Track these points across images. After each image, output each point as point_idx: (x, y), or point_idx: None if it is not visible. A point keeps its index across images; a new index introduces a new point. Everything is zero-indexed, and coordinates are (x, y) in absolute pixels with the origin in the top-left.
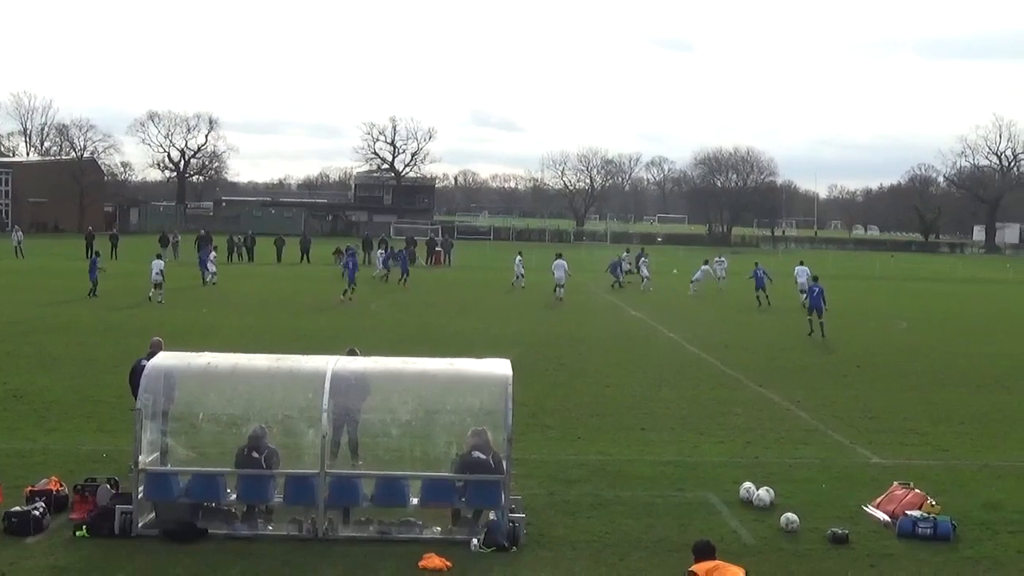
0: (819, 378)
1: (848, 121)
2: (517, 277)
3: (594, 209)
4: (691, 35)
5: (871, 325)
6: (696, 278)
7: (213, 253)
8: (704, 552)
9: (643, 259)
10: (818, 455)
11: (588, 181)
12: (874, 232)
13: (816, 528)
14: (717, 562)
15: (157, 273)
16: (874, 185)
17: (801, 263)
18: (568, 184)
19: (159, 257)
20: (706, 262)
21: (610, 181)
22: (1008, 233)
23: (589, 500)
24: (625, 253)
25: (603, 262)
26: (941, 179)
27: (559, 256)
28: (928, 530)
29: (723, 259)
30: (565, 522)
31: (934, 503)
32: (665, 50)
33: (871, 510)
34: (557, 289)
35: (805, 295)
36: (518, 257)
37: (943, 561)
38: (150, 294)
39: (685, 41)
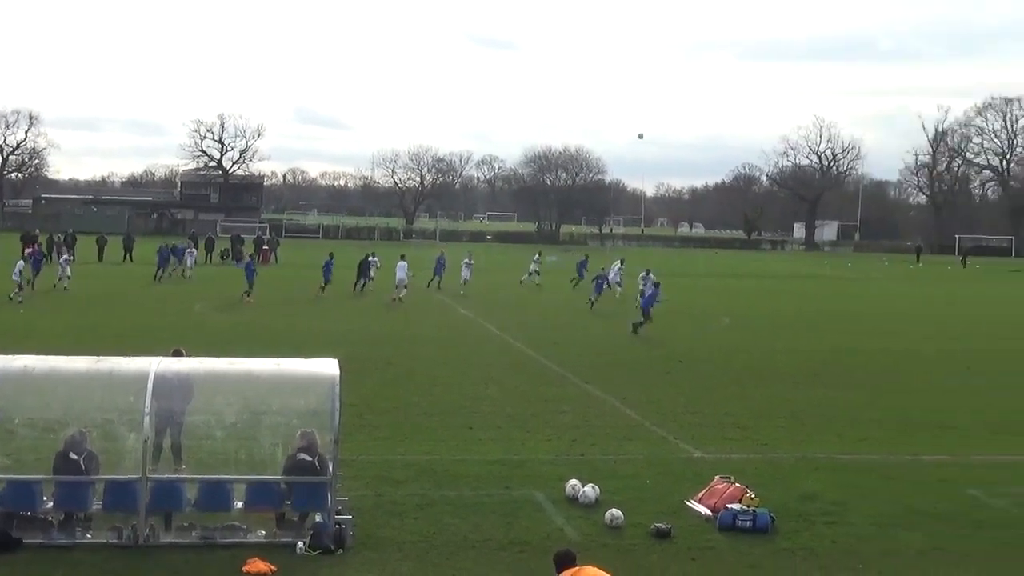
0: (644, 375)
1: (673, 121)
2: (371, 279)
3: (424, 207)
4: (512, 33)
5: (695, 322)
6: (614, 279)
7: (67, 256)
8: (565, 561)
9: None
10: (642, 451)
11: (419, 179)
12: (699, 230)
13: (640, 523)
14: (579, 568)
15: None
16: (699, 184)
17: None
18: (398, 182)
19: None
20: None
21: (441, 179)
22: (827, 231)
23: (416, 500)
24: (619, 264)
25: (432, 261)
26: (764, 178)
27: (402, 257)
28: (748, 522)
29: (620, 264)
30: (392, 523)
31: (753, 496)
32: (487, 48)
33: (693, 504)
34: (397, 289)
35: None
36: (372, 257)
37: (762, 552)
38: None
39: (507, 39)
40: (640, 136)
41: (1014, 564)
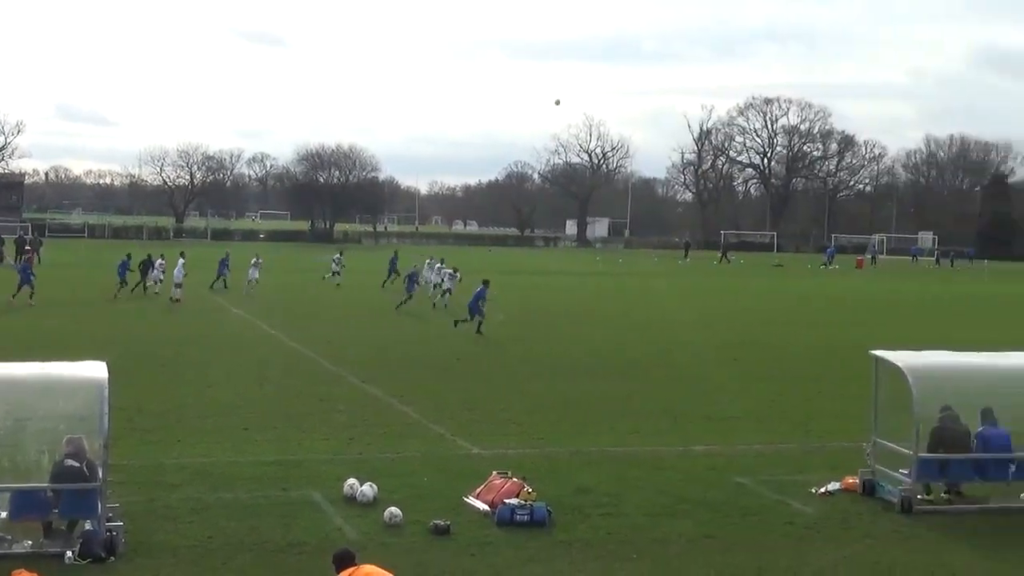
0: (421, 372)
1: (446, 119)
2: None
3: (194, 206)
4: (281, 30)
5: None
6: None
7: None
8: (344, 560)
9: (438, 267)
10: (420, 449)
11: (188, 177)
12: (473, 227)
13: (418, 521)
14: (357, 567)
15: None
16: (473, 181)
17: (441, 260)
18: (167, 180)
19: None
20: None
21: (211, 177)
22: (598, 227)
23: (191, 504)
24: (430, 260)
25: (213, 261)
26: (536, 176)
27: (181, 255)
28: (525, 517)
29: (440, 264)
30: (166, 528)
31: (530, 490)
32: (256, 44)
33: (471, 500)
34: (175, 290)
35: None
36: (160, 260)
37: (539, 546)
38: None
39: (276, 36)
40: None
41: (778, 549)
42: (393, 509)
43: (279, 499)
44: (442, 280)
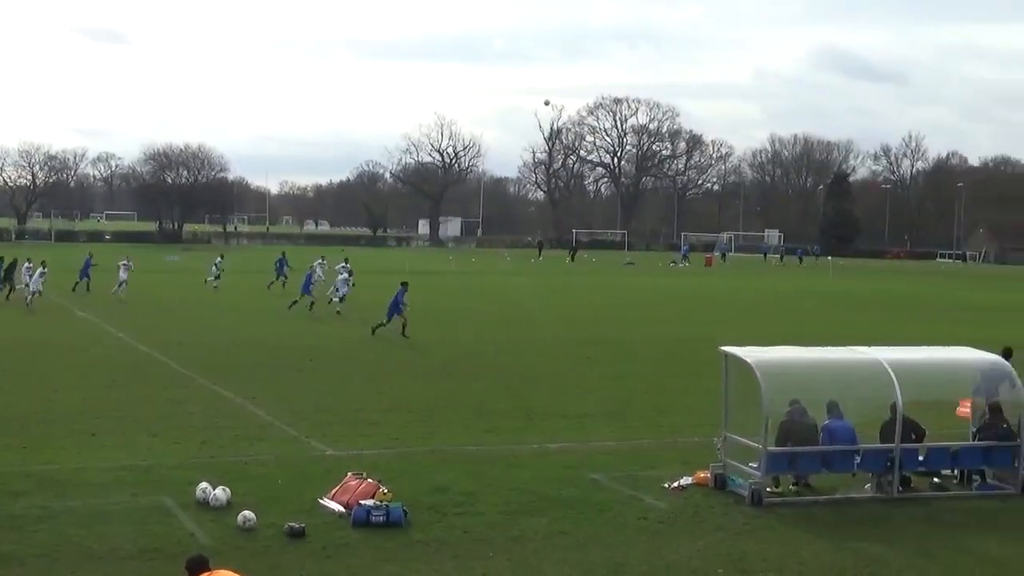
0: (273, 373)
1: (296, 119)
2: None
3: (37, 206)
4: (122, 26)
5: (324, 319)
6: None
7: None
8: (198, 566)
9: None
10: (274, 451)
11: (30, 178)
12: (325, 227)
13: (273, 524)
14: (212, 572)
15: None
16: (324, 181)
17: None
18: (8, 181)
19: None
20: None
21: (54, 177)
22: (451, 227)
23: (36, 512)
24: (321, 260)
25: (67, 263)
26: (388, 176)
27: (43, 264)
28: (381, 517)
29: (324, 262)
30: (10, 538)
31: (386, 491)
32: (97, 41)
33: (327, 502)
34: (31, 296)
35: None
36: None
37: (396, 546)
38: None
39: (117, 32)
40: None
41: (633, 544)
42: (247, 513)
43: (129, 505)
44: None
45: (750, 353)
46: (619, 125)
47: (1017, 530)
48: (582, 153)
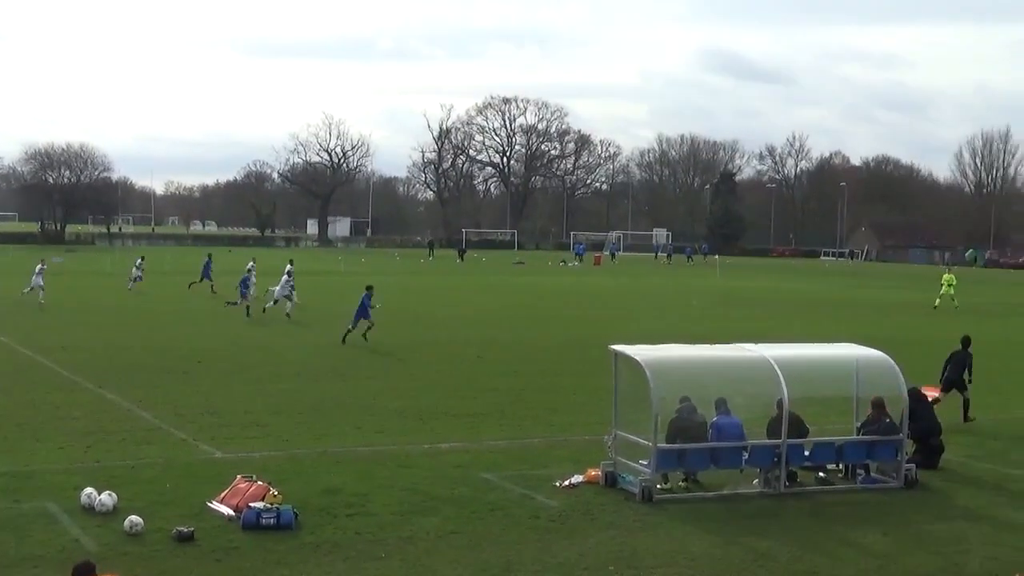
0: (160, 376)
1: (180, 118)
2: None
3: None
4: None
5: (214, 321)
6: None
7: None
8: (84, 573)
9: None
10: (162, 454)
11: None
12: (212, 227)
13: (161, 528)
14: None
15: None
16: (211, 181)
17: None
18: None
19: None
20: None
21: None
22: (340, 227)
23: None
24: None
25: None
26: (276, 175)
27: None
28: (271, 520)
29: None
30: None
31: (276, 493)
32: None
33: (216, 506)
34: None
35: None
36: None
37: (287, 548)
38: None
39: None
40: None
41: (525, 543)
42: (134, 517)
43: (11, 512)
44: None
45: (639, 351)
46: (508, 125)
47: (899, 522)
48: (471, 153)
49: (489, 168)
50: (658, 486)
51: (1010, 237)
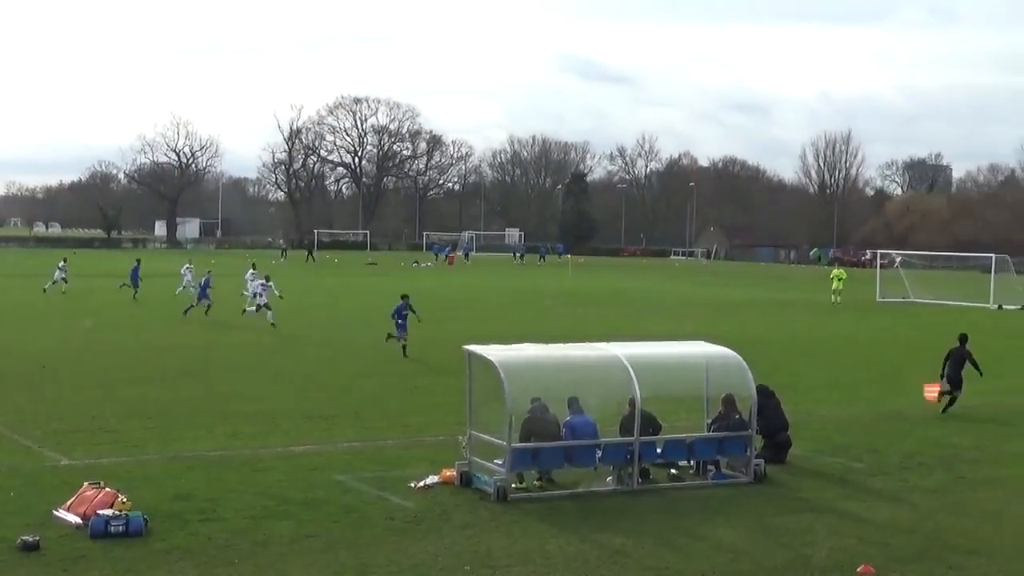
0: (3, 383)
1: (21, 118)
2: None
3: None
4: None
5: (56, 323)
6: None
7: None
8: None
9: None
10: (4, 461)
11: None
12: (56, 229)
13: (5, 538)
14: None
15: None
16: (54, 182)
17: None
18: None
19: None
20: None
21: None
22: (189, 228)
23: None
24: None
25: None
26: (122, 176)
27: None
28: (120, 527)
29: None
30: None
31: (125, 500)
32: None
33: (62, 514)
34: None
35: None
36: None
37: (136, 556)
38: None
39: None
40: None
41: (380, 544)
42: None
43: None
44: (257, 292)
45: (493, 351)
46: (359, 125)
47: (749, 516)
48: (323, 153)
49: (341, 168)
50: (513, 485)
51: (852, 236)
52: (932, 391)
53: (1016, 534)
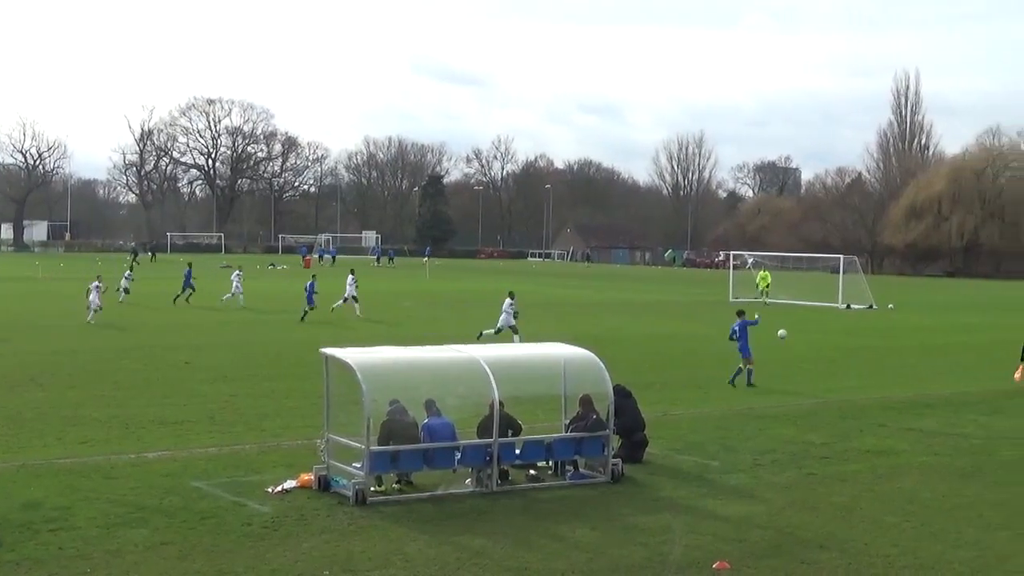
0: None
1: None
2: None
3: None
4: None
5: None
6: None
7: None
8: None
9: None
10: None
11: None
12: None
13: None
14: None
15: None
16: None
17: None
18: None
19: None
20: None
21: None
22: (36, 231)
23: None
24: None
25: None
26: None
27: None
28: None
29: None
30: None
31: None
32: None
33: None
34: None
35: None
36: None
37: None
38: None
39: None
40: None
41: (237, 551)
42: None
43: None
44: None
45: (350, 354)
46: (213, 126)
47: (607, 516)
48: (175, 155)
49: (194, 171)
50: (372, 488)
51: (706, 237)
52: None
53: (865, 528)
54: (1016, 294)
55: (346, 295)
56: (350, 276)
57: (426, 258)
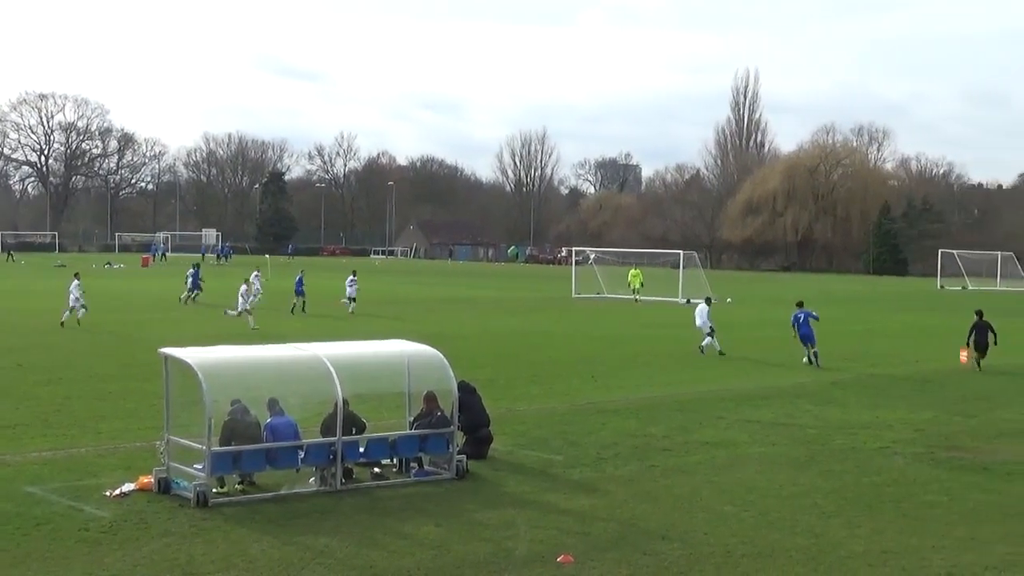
0: None
1: None
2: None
3: None
4: None
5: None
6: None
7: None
8: None
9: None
10: None
11: None
12: None
13: None
14: None
15: None
16: None
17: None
18: None
19: None
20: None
21: None
22: None
23: None
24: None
25: None
26: None
27: None
28: None
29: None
30: None
31: None
32: None
33: None
34: None
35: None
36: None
37: None
38: None
39: None
40: None
41: (73, 557)
42: None
43: None
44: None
45: (190, 354)
46: (45, 122)
47: (452, 512)
48: (6, 151)
49: (26, 167)
50: (213, 490)
51: (548, 233)
52: (963, 357)
53: (705, 518)
54: (848, 287)
55: (348, 295)
56: (350, 277)
57: (289, 257)
